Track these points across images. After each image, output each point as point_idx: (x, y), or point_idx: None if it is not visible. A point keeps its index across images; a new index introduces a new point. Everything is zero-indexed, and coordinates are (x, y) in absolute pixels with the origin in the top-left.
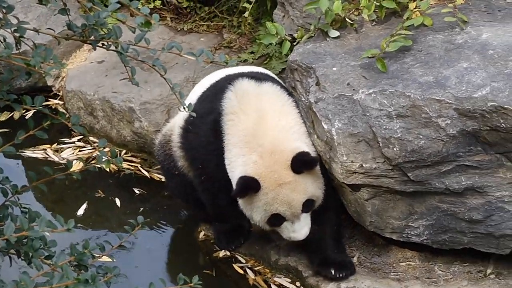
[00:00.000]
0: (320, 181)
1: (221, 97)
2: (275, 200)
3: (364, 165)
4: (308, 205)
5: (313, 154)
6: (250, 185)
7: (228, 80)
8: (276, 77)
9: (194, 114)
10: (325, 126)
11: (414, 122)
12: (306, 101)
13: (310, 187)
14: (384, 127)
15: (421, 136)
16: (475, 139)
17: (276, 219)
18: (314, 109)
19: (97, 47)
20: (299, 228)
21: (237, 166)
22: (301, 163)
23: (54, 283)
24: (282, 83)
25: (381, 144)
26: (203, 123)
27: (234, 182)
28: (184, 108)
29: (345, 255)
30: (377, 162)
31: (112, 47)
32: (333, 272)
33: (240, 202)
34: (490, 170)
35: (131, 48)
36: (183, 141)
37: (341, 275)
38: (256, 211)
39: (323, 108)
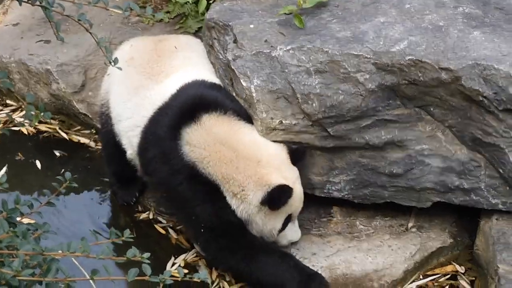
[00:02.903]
0: None
1: (179, 155)
2: (295, 199)
3: (284, 122)
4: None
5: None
6: (287, 192)
7: (174, 136)
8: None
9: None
10: (244, 84)
11: (332, 78)
12: (224, 59)
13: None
14: (303, 83)
15: (340, 91)
16: (394, 93)
17: (285, 222)
18: (232, 67)
19: (23, 3)
20: (297, 226)
21: (252, 189)
22: (299, 153)
23: None
24: (218, 81)
25: (300, 100)
26: (177, 178)
27: (258, 198)
28: (110, 62)
29: None
30: (297, 118)
31: (37, 2)
32: None
33: (257, 218)
34: (409, 124)
35: (56, 2)
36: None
37: None
38: (275, 219)
39: (242, 66)
